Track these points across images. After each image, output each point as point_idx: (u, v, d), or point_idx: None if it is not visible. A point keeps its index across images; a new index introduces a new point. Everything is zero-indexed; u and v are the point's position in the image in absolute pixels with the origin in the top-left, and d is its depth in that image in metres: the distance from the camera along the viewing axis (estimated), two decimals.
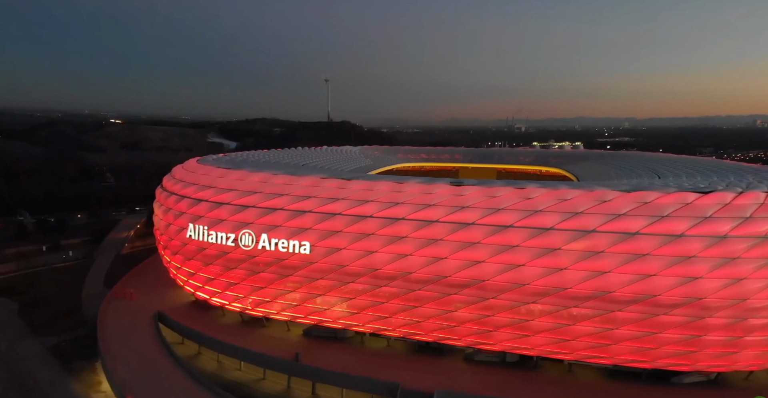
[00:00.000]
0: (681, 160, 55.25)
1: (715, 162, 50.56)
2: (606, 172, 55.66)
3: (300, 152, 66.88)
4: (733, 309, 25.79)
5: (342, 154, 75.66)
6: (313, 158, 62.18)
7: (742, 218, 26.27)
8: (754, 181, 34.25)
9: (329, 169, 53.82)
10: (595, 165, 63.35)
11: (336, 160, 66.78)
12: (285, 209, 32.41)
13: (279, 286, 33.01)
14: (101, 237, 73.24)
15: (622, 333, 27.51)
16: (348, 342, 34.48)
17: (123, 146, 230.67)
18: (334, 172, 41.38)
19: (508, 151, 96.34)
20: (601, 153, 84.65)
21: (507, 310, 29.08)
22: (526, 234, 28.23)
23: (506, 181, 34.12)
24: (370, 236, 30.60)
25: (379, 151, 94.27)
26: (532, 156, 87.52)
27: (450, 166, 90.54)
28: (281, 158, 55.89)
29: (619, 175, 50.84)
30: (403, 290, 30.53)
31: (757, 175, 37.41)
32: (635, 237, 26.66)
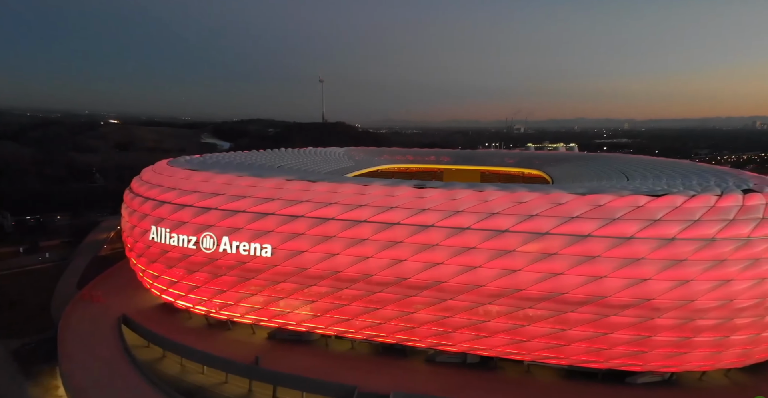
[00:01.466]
0: (656, 163, 56.21)
1: (689, 165, 51.37)
2: (580, 174, 56.85)
3: (281, 154, 67.18)
4: (681, 311, 26.55)
5: (325, 156, 75.99)
6: (293, 160, 62.47)
7: (691, 221, 27.10)
8: (714, 184, 34.85)
9: (304, 170, 54.06)
10: (573, 167, 64.25)
11: (317, 161, 67.08)
12: (247, 211, 32.69)
13: (241, 289, 33.29)
14: (81, 239, 73.35)
15: (575, 333, 28.21)
16: (312, 344, 34.77)
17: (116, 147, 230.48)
18: (301, 173, 41.61)
19: (493, 153, 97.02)
20: (582, 155, 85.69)
21: (465, 312, 29.64)
22: (483, 236, 28.86)
23: (469, 184, 34.64)
24: (332, 238, 30.95)
25: (364, 153, 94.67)
26: (516, 158, 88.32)
27: (435, 167, 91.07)
28: (259, 160, 56.15)
29: (591, 177, 52.07)
30: (365, 292, 30.93)
31: (721, 178, 38.07)
32: (587, 240, 27.40)
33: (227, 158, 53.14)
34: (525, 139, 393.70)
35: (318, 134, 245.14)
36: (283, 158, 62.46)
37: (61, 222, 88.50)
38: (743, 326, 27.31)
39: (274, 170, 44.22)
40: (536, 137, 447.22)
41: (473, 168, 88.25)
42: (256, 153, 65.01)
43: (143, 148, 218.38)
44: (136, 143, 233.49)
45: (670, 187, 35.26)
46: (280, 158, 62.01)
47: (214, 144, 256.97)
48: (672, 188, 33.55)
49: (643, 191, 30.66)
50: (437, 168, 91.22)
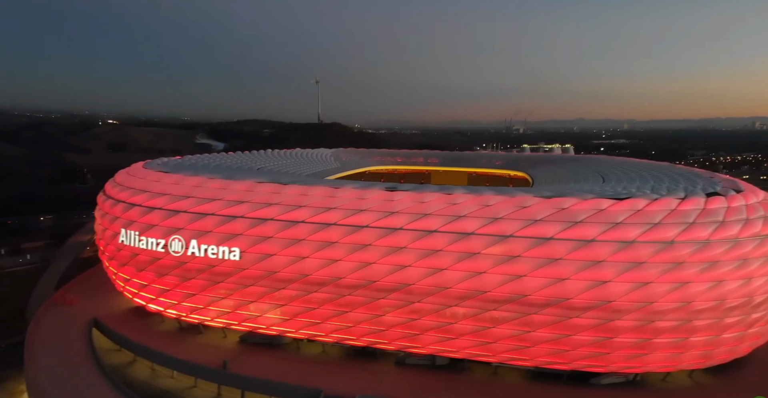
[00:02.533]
0: (635, 165, 57.04)
1: (666, 167, 52.15)
2: (559, 176, 57.99)
3: (267, 155, 67.38)
4: (641, 312, 27.20)
5: (312, 157, 76.30)
6: (277, 161, 62.74)
7: (651, 224, 27.74)
8: (683, 187, 35.42)
9: (284, 172, 54.37)
10: (555, 169, 65.21)
11: (301, 163, 67.39)
12: (216, 214, 32.96)
13: (211, 293, 33.54)
14: (65, 240, 73.49)
15: (539, 335, 28.76)
16: (284, 348, 35.05)
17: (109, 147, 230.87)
18: (274, 176, 41.91)
19: (481, 155, 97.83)
20: (567, 157, 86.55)
21: (432, 314, 30.09)
22: (450, 238, 29.33)
23: (441, 187, 35.11)
24: (301, 242, 31.28)
25: (353, 154, 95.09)
26: (503, 160, 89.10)
27: (423, 169, 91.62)
28: (241, 162, 56.37)
29: (569, 179, 53.26)
30: (334, 295, 31.29)
31: (692, 181, 38.72)
32: (550, 242, 28.03)
33: (207, 160, 53.37)
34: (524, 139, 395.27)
35: (313, 135, 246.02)
36: (267, 160, 62.73)
37: (44, 224, 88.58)
38: (702, 328, 27.86)
39: (247, 172, 44.49)
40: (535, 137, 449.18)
41: (461, 169, 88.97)
42: (241, 154, 65.24)
43: (137, 149, 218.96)
44: (130, 144, 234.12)
45: (638, 189, 35.93)
46: (263, 160, 62.27)
47: (209, 144, 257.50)
48: (639, 191, 34.19)
49: (608, 194, 31.29)
50: (425, 169, 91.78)
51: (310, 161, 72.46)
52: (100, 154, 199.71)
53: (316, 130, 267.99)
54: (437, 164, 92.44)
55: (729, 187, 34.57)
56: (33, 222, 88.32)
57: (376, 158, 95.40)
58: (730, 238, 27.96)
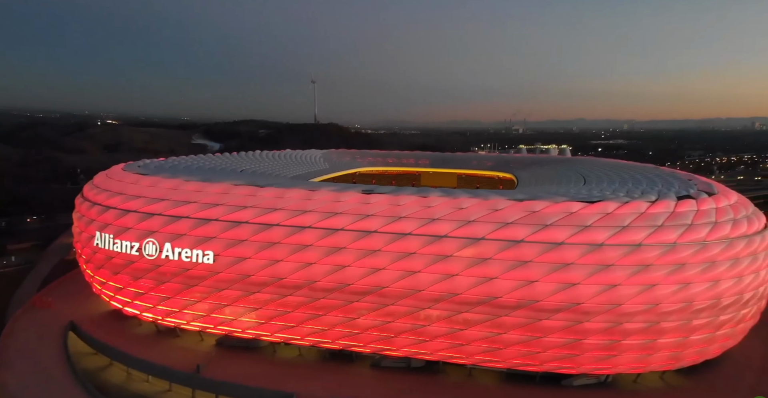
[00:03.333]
0: (619, 166, 57.78)
1: (649, 169, 52.92)
2: (544, 177, 58.98)
3: (253, 157, 67.45)
4: (609, 314, 27.79)
5: (299, 159, 76.48)
6: (262, 163, 62.90)
7: (620, 227, 28.33)
8: (660, 189, 36.08)
9: (267, 175, 54.51)
10: (541, 170, 65.93)
11: (287, 165, 67.54)
12: (191, 217, 33.16)
13: (186, 297, 33.76)
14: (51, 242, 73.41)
15: (510, 337, 29.27)
16: (260, 351, 35.31)
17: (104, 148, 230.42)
18: (253, 178, 42.03)
19: (472, 156, 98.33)
20: (554, 158, 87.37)
21: (406, 316, 30.46)
22: (423, 241, 29.70)
23: (418, 189, 35.44)
24: (275, 245, 31.52)
25: (344, 155, 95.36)
26: (493, 161, 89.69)
27: (413, 170, 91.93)
28: (224, 164, 56.51)
29: (552, 180, 54.31)
30: (309, 299, 31.57)
31: (669, 183, 39.33)
32: (520, 245, 28.52)
33: (190, 162, 53.44)
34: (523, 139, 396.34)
35: (309, 135, 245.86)
36: (254, 162, 62.90)
37: (32, 225, 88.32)
38: (670, 329, 28.62)
39: (226, 175, 44.63)
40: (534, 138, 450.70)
41: (450, 171, 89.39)
42: (229, 156, 65.42)
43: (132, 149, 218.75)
44: (126, 144, 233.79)
45: (614, 192, 36.45)
46: (250, 162, 62.43)
47: (205, 145, 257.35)
48: (614, 193, 34.66)
49: (580, 197, 31.64)
50: (415, 171, 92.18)
51: (298, 163, 72.64)
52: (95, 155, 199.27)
53: (313, 130, 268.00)
54: (428, 165, 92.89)
55: (703, 189, 34.98)
56: (20, 223, 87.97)
57: (367, 159, 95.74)
58: (697, 241, 28.27)
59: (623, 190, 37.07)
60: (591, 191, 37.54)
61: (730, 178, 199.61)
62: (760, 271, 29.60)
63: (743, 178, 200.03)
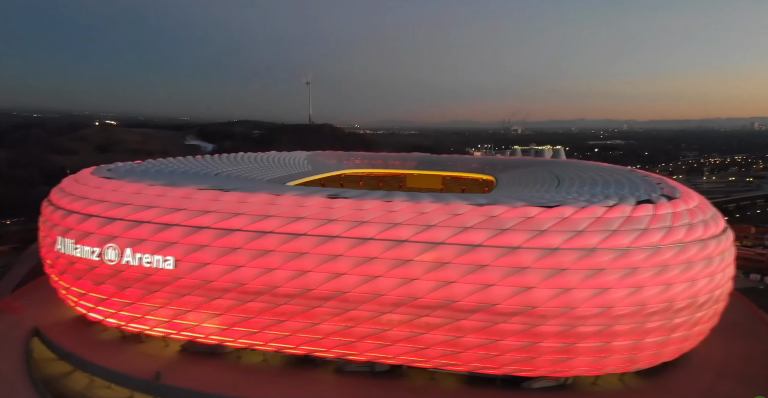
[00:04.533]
0: (596, 169, 59.53)
1: (624, 171, 54.38)
2: (521, 179, 60.35)
3: (233, 159, 67.43)
4: (563, 318, 28.61)
5: (282, 161, 76.50)
6: (241, 166, 62.97)
7: (575, 231, 29.07)
8: (626, 192, 37.59)
9: (243, 178, 54.70)
10: (521, 173, 66.93)
11: (267, 167, 67.65)
12: (152, 222, 33.35)
13: (148, 302, 33.99)
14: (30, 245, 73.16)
15: (469, 340, 29.94)
16: (224, 357, 35.60)
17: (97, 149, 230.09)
18: (219, 182, 42.01)
19: (458, 159, 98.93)
20: (537, 160, 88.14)
21: (368, 321, 30.95)
22: (385, 246, 30.21)
23: (384, 193, 35.86)
24: (236, 250, 31.85)
25: (330, 157, 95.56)
26: (478, 163, 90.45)
27: (399, 172, 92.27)
28: (201, 167, 56.57)
29: (528, 182, 55.93)
30: (271, 304, 31.95)
31: (636, 186, 40.30)
32: (478, 249, 29.24)
33: (163, 166, 53.22)
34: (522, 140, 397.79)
35: (303, 136, 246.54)
36: (232, 165, 62.84)
37: (13, 228, 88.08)
38: (624, 332, 29.38)
39: (194, 179, 44.76)
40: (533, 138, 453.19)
41: (435, 173, 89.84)
42: (210, 158, 65.38)
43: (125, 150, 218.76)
44: (118, 145, 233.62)
45: (580, 194, 36.84)
46: (229, 164, 62.42)
47: (198, 146, 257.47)
48: (579, 197, 34.96)
49: (538, 202, 32.02)
50: (401, 173, 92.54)
51: (280, 165, 72.79)
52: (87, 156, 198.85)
53: (307, 131, 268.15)
54: (414, 167, 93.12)
55: (666, 193, 35.41)
56: (2, 225, 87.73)
57: (354, 161, 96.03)
58: (650, 245, 28.59)
59: (589, 193, 37.75)
60: (560, 193, 39.18)
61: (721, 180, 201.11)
62: (716, 275, 30.16)
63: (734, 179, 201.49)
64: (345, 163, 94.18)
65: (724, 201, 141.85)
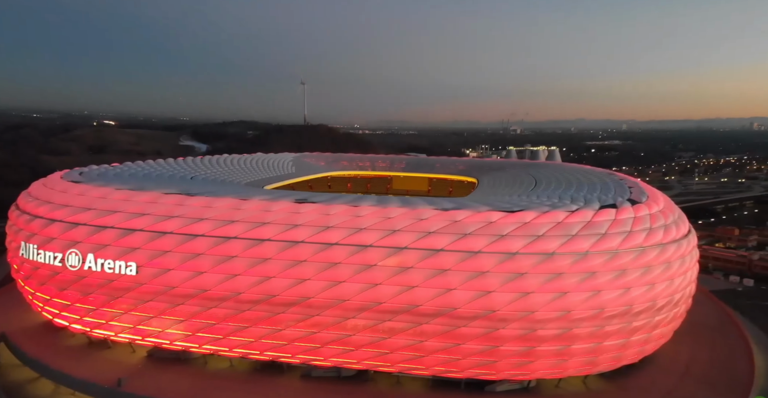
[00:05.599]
0: (575, 171, 60.75)
1: (602, 174, 55.32)
2: (501, 182, 61.83)
3: (213, 162, 67.28)
4: (523, 321, 29.22)
5: (266, 164, 76.49)
6: (220, 169, 63.03)
7: (535, 236, 29.85)
8: (596, 196, 38.07)
9: (220, 181, 54.75)
10: (503, 175, 68.16)
11: (248, 170, 67.69)
12: (115, 227, 33.37)
13: (112, 308, 34.10)
14: None
15: (431, 345, 30.41)
16: (190, 363, 35.79)
17: (89, 149, 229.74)
18: (190, 185, 41.97)
19: (446, 160, 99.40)
20: (521, 163, 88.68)
21: (332, 326, 31.31)
22: (349, 251, 30.56)
23: (353, 198, 36.01)
24: (200, 256, 32.01)
25: (317, 159, 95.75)
26: (464, 165, 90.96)
27: (385, 174, 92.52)
28: (177, 170, 56.42)
29: (508, 183, 57.77)
30: (235, 311, 32.17)
31: (608, 189, 41.53)
32: (440, 254, 29.72)
33: (136, 169, 52.69)
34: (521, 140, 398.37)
35: (297, 137, 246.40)
36: (211, 168, 62.88)
37: None
38: (583, 336, 30.17)
39: (165, 182, 44.66)
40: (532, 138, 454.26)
41: (422, 175, 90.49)
42: (190, 161, 65.05)
43: (118, 151, 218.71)
44: (111, 146, 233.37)
45: (549, 197, 37.76)
46: (208, 167, 62.47)
47: (192, 146, 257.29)
48: (548, 200, 35.56)
49: (502, 207, 32.37)
50: (388, 175, 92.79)
51: (263, 168, 72.85)
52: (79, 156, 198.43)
53: (301, 131, 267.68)
54: (401, 169, 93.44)
55: (634, 197, 35.59)
56: None
57: (341, 163, 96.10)
58: (609, 250, 28.78)
59: (560, 196, 38.37)
60: (535, 194, 40.55)
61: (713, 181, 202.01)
62: (675, 279, 30.45)
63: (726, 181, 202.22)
64: (333, 165, 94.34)
65: (713, 202, 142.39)
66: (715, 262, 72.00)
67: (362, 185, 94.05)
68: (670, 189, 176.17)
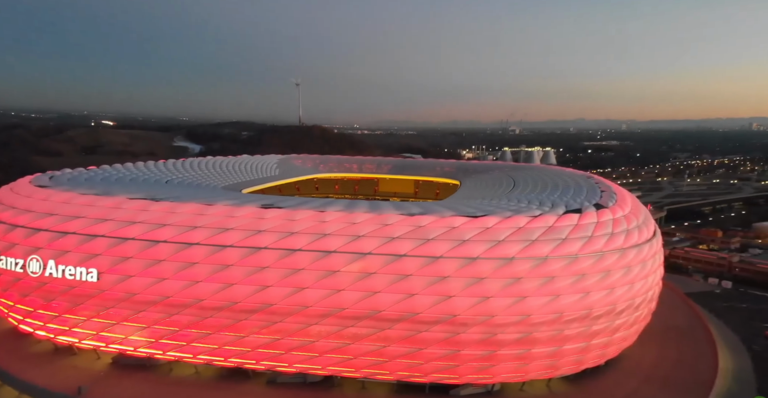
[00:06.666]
0: (554, 174, 61.87)
1: (579, 176, 55.72)
2: (482, 184, 63.03)
3: (195, 165, 67.08)
4: (484, 326, 29.72)
5: (248, 166, 76.25)
6: (198, 172, 62.66)
7: (495, 241, 30.51)
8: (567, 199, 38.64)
9: (196, 185, 54.59)
10: (484, 177, 69.11)
11: (228, 173, 67.51)
12: (77, 233, 33.31)
13: (74, 315, 34.08)
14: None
15: (394, 350, 30.78)
16: (155, 370, 35.95)
17: (82, 150, 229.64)
18: (156, 190, 41.67)
19: (432, 163, 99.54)
20: (504, 165, 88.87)
21: (295, 332, 31.47)
22: (313, 257, 30.77)
23: (321, 202, 36.00)
24: (162, 262, 32.12)
25: (304, 161, 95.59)
26: (450, 167, 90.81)
27: (371, 176, 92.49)
28: (155, 174, 56.16)
29: (489, 185, 59.29)
30: (198, 318, 32.29)
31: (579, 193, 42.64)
32: (403, 259, 30.06)
33: (109, 174, 52.15)
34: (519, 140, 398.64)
35: (291, 138, 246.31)
36: (189, 171, 62.48)
37: None
38: (543, 340, 30.66)
39: (131, 187, 44.42)
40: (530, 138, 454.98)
41: (408, 177, 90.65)
42: (170, 164, 64.82)
43: (111, 152, 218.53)
44: (104, 146, 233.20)
45: (519, 201, 38.56)
46: (187, 171, 62.13)
47: (186, 147, 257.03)
48: (520, 202, 35.95)
49: (466, 212, 32.60)
50: (374, 177, 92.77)
51: (245, 170, 72.70)
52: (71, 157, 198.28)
53: (295, 132, 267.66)
54: (387, 171, 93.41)
55: (602, 201, 35.80)
56: None
57: (329, 165, 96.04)
58: (568, 255, 28.82)
59: (527, 200, 38.60)
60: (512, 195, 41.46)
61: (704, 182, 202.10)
62: (635, 283, 30.71)
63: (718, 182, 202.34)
64: (320, 167, 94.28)
65: (701, 204, 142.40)
66: (696, 264, 72.47)
67: (350, 187, 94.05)
68: (661, 190, 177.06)
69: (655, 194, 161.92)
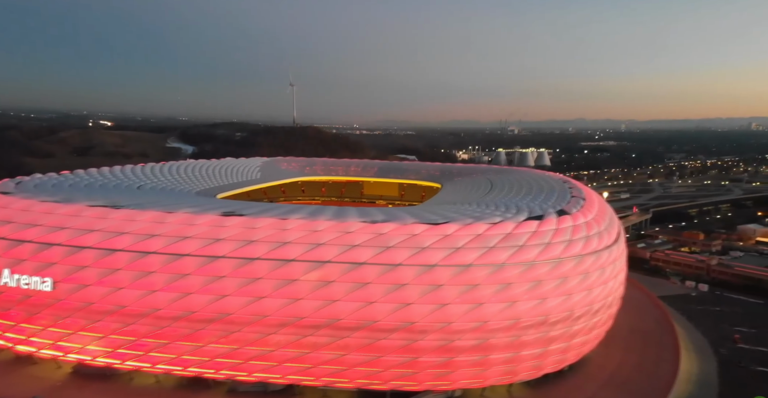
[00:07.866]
0: (534, 178, 62.19)
1: (557, 181, 56.56)
2: (462, 187, 63.95)
3: (174, 169, 66.59)
4: (441, 332, 30.10)
5: (229, 170, 75.87)
6: (174, 177, 62.20)
7: (454, 248, 30.94)
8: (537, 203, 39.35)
9: (169, 190, 54.23)
10: (466, 181, 69.83)
11: (206, 177, 67.11)
12: (32, 242, 33.08)
13: (31, 324, 33.94)
14: None
15: (353, 358, 31.01)
16: (115, 379, 35.93)
17: (74, 151, 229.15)
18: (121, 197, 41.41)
19: (419, 165, 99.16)
20: (487, 168, 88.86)
21: (254, 342, 31.52)
22: (272, 265, 30.82)
23: (284, 209, 35.90)
24: (118, 271, 32.13)
25: (292, 163, 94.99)
26: (435, 170, 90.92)
27: (356, 179, 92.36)
28: (126, 179, 55.67)
29: (469, 188, 60.14)
30: (154, 327, 32.35)
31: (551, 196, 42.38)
32: (362, 267, 30.33)
33: (78, 179, 51.60)
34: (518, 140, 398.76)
35: (285, 139, 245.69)
36: (165, 175, 62.01)
37: None
38: (500, 346, 31.06)
39: (97, 193, 44.09)
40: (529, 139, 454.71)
41: (392, 180, 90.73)
42: (148, 169, 64.29)
43: (103, 153, 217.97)
44: (97, 148, 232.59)
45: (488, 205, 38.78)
46: (164, 175, 61.67)
47: (179, 148, 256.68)
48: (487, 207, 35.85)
49: (428, 219, 32.59)
50: (358, 180, 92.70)
51: (225, 174, 72.36)
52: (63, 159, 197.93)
53: (290, 133, 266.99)
54: (373, 174, 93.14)
55: (567, 207, 36.01)
56: None
57: (315, 168, 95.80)
58: (525, 262, 28.67)
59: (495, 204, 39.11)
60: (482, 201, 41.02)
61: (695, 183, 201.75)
62: (594, 288, 30.77)
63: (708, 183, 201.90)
64: (306, 169, 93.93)
65: (688, 206, 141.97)
66: (675, 267, 72.56)
67: (337, 190, 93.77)
68: (650, 192, 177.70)
69: (644, 196, 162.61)
